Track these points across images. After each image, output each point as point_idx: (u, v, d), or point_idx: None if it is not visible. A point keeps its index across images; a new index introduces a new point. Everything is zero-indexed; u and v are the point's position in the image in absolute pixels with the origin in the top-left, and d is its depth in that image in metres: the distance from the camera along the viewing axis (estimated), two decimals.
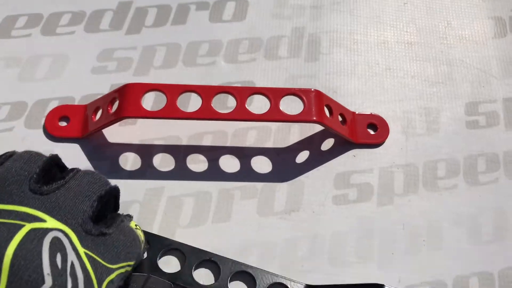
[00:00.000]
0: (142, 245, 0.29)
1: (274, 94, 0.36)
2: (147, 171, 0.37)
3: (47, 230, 0.21)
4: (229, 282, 0.32)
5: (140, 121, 0.39)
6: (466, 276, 0.35)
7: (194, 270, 0.33)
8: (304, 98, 0.36)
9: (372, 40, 0.46)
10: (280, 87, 0.37)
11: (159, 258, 0.32)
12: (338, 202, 0.37)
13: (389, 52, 0.45)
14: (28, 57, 0.41)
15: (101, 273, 0.24)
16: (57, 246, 0.21)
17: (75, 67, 0.41)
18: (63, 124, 0.38)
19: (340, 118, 0.38)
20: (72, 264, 0.22)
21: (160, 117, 0.34)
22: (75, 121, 0.38)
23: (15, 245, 0.20)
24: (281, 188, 0.37)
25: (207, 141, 0.39)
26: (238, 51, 0.43)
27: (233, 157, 0.38)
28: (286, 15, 0.46)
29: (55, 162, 0.25)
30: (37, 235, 0.21)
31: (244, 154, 0.38)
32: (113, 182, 0.33)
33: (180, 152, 0.38)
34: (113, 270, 0.25)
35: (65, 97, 0.40)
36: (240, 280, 0.33)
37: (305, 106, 0.36)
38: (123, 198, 0.35)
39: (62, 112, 0.39)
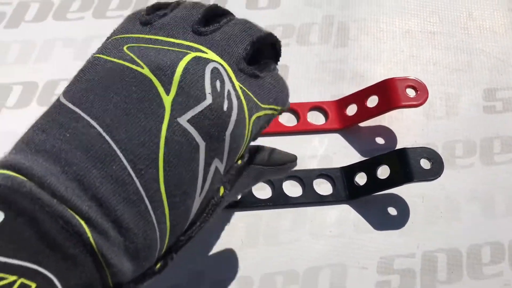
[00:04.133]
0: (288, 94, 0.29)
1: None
2: None
3: (208, 60, 0.23)
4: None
5: None
6: (479, 245, 0.39)
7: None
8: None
9: (397, 29, 0.49)
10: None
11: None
12: None
13: (413, 40, 0.48)
14: (82, 38, 0.45)
15: (251, 107, 0.25)
16: (216, 74, 0.23)
17: None
18: None
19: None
20: (229, 91, 0.24)
21: None
22: None
23: (184, 64, 0.22)
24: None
25: None
26: None
27: None
28: (317, 4, 0.49)
29: (213, 11, 0.27)
30: (200, 61, 0.23)
31: None
32: None
33: None
34: (262, 108, 0.26)
35: None
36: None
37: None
38: None
39: None
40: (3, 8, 0.46)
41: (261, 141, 0.41)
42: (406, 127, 0.43)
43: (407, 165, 0.37)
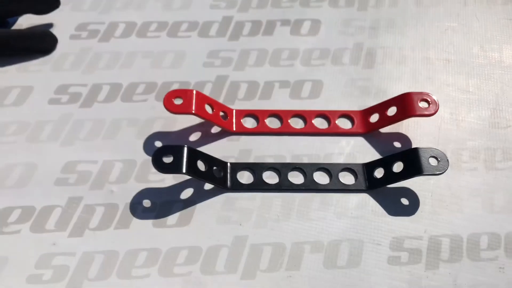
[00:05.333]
0: None
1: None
2: None
3: None
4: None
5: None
6: (478, 233, 0.45)
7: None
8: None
9: (417, 56, 0.58)
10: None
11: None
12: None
13: (430, 66, 0.57)
14: (157, 52, 0.57)
15: None
16: None
17: (191, 61, 0.56)
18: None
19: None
20: None
21: None
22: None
23: None
24: None
25: None
26: (311, 57, 0.57)
27: None
28: (349, 33, 0.59)
29: None
30: None
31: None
32: None
33: None
34: None
35: (183, 81, 0.54)
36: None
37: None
38: None
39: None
40: (97, 27, 0.59)
41: (300, 140, 0.50)
42: (420, 135, 0.51)
43: (418, 161, 0.45)
